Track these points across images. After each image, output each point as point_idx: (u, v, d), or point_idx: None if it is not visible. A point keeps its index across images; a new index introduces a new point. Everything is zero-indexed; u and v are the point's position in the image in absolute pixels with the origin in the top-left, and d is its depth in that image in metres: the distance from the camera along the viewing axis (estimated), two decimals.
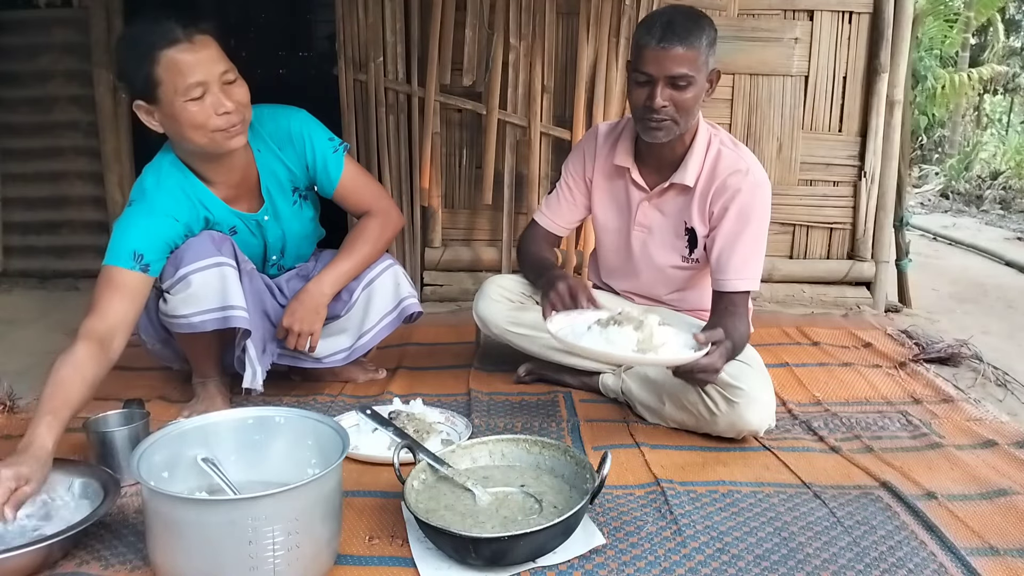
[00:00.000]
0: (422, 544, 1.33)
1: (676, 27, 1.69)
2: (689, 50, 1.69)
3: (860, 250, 3.13)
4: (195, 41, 1.60)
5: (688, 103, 1.74)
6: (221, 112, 1.62)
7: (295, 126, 1.86)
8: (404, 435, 1.57)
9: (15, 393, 1.99)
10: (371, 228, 1.95)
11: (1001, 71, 10.26)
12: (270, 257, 1.99)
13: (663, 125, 1.76)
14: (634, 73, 1.76)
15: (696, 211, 1.89)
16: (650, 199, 1.95)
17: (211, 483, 1.32)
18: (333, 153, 1.90)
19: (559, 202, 2.09)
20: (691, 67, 1.70)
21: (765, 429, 1.75)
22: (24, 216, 3.51)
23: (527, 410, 1.97)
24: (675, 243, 1.96)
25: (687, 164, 1.86)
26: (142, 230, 1.67)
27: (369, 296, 1.98)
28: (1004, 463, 1.67)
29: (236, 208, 1.84)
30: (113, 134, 3.35)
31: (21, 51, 3.37)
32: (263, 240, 1.93)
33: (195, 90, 1.59)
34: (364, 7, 2.93)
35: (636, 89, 1.77)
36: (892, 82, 3.01)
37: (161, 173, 1.75)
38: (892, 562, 1.30)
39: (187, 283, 1.69)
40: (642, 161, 1.95)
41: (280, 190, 1.90)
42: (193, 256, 1.70)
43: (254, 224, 1.89)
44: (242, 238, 1.88)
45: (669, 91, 1.72)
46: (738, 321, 1.78)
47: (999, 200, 7.52)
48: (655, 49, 1.69)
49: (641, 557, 1.31)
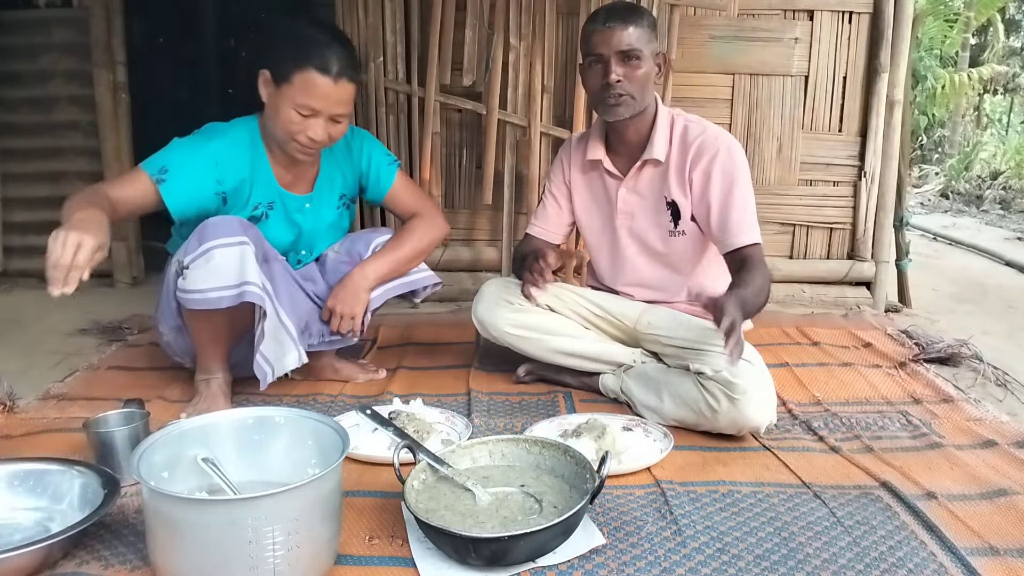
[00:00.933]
0: (422, 544, 1.33)
1: (618, 9, 1.88)
2: (633, 28, 1.84)
3: (860, 250, 3.13)
4: (339, 83, 1.77)
5: (641, 78, 1.87)
6: (311, 136, 1.79)
7: (357, 138, 2.07)
8: (404, 435, 1.57)
9: (15, 393, 1.99)
10: (418, 228, 2.08)
11: (1001, 71, 10.27)
12: (300, 250, 2.04)
13: (622, 100, 1.87)
14: (587, 58, 1.91)
15: (675, 183, 1.96)
16: (626, 184, 2.02)
17: (211, 483, 1.32)
18: (388, 164, 2.09)
19: (546, 211, 2.19)
20: (637, 42, 1.84)
21: (766, 426, 1.76)
22: (24, 216, 3.51)
23: (527, 410, 1.97)
24: (658, 219, 2.02)
25: (653, 141, 1.96)
26: (183, 156, 1.79)
27: None
28: (1004, 463, 1.67)
29: (285, 187, 1.93)
30: (113, 134, 3.36)
31: (21, 51, 3.37)
32: (298, 228, 1.99)
33: (307, 110, 1.77)
34: (364, 7, 2.93)
35: (591, 74, 1.91)
36: (892, 82, 3.01)
37: (236, 128, 1.88)
38: (892, 562, 1.29)
39: (209, 256, 1.71)
40: (613, 150, 2.05)
41: (330, 190, 2.03)
42: (218, 232, 1.73)
43: (294, 206, 1.96)
44: (275, 222, 1.93)
45: (622, 68, 1.85)
46: (756, 273, 1.80)
47: (999, 200, 7.53)
48: (602, 30, 1.85)
49: (641, 557, 1.31)
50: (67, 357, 2.43)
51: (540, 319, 2.05)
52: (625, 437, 1.72)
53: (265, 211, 1.92)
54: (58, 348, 2.54)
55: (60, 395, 2.08)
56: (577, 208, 2.15)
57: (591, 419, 1.74)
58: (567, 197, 2.16)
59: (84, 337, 2.66)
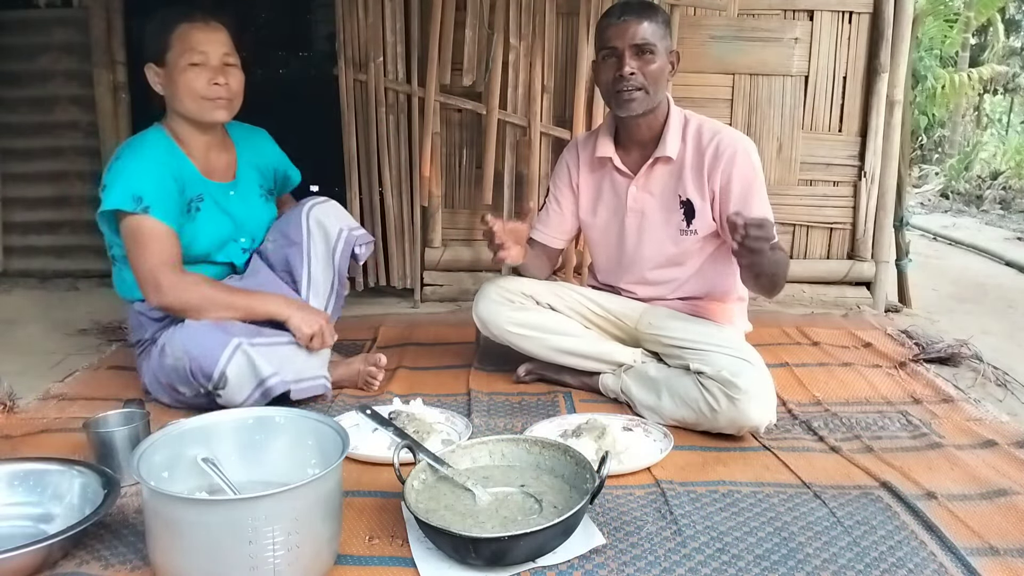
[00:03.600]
0: (422, 544, 1.33)
1: (633, 5, 1.90)
2: (648, 22, 1.85)
3: (860, 250, 3.13)
4: (209, 24, 1.88)
5: (654, 73, 1.87)
6: (213, 83, 1.86)
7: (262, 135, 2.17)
8: (404, 435, 1.57)
9: (15, 393, 1.99)
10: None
11: (1001, 71, 10.26)
12: (239, 239, 2.04)
13: (635, 95, 1.87)
14: (601, 52, 1.91)
15: (691, 183, 1.95)
16: (637, 183, 2.01)
17: (211, 483, 1.32)
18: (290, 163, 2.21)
19: (548, 215, 2.17)
20: (652, 36, 1.85)
21: (766, 426, 1.76)
22: (24, 216, 3.51)
23: (527, 410, 1.97)
24: (670, 218, 2.00)
25: (666, 138, 1.95)
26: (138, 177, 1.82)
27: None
28: (1004, 463, 1.67)
29: (208, 178, 1.98)
30: (113, 134, 3.36)
31: (21, 51, 3.38)
32: (230, 216, 2.00)
33: (196, 56, 1.84)
34: (364, 7, 2.93)
35: (604, 67, 1.91)
36: (892, 82, 3.01)
37: (146, 137, 1.94)
38: (892, 562, 1.29)
39: (225, 379, 1.77)
40: (623, 148, 2.04)
41: (251, 178, 2.08)
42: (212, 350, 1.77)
43: (221, 194, 1.99)
44: (208, 213, 1.95)
45: (636, 61, 1.85)
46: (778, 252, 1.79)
47: (999, 200, 7.53)
48: (617, 24, 1.86)
49: (641, 557, 1.31)
50: (67, 357, 2.43)
51: (541, 318, 2.05)
52: (625, 437, 1.72)
53: (196, 205, 1.94)
54: (58, 348, 2.54)
55: (60, 395, 2.08)
56: (583, 206, 2.13)
57: (591, 419, 1.74)
58: (571, 199, 2.14)
59: (84, 337, 2.66)
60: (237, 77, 1.91)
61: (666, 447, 1.69)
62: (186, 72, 1.84)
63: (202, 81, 1.85)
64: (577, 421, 1.78)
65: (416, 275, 3.12)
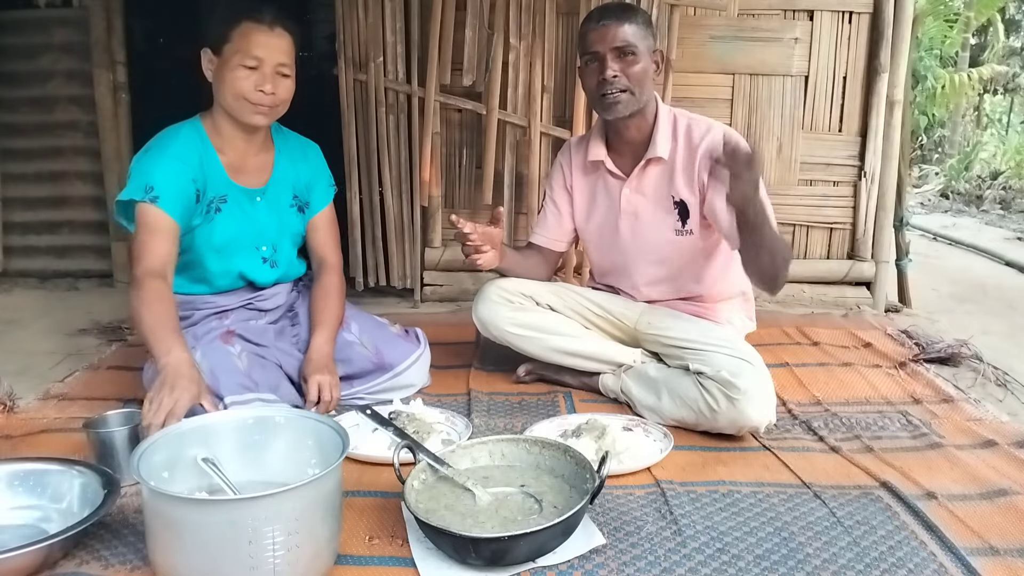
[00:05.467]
0: (422, 544, 1.33)
1: (611, 8, 1.91)
2: (628, 24, 1.85)
3: (860, 250, 3.13)
4: (274, 29, 1.82)
5: (638, 74, 1.86)
6: (259, 89, 1.81)
7: (312, 149, 2.11)
8: (404, 435, 1.57)
9: (15, 393, 1.99)
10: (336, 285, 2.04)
11: (1001, 71, 10.25)
12: (260, 247, 1.98)
13: (620, 97, 1.87)
14: (584, 57, 1.91)
15: (682, 182, 1.95)
16: (630, 185, 2.01)
17: (211, 483, 1.32)
18: (328, 186, 2.11)
19: (547, 219, 2.18)
20: (632, 38, 1.85)
21: (766, 426, 1.76)
22: (24, 216, 3.51)
23: (527, 410, 1.97)
24: (665, 219, 1.99)
25: (656, 139, 1.95)
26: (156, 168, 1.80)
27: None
28: (1004, 463, 1.67)
29: (236, 181, 1.93)
30: (113, 134, 3.36)
31: (21, 51, 3.38)
32: (253, 221, 1.95)
33: (251, 60, 1.80)
34: (364, 7, 2.93)
35: (588, 72, 1.91)
36: (892, 82, 3.01)
37: (179, 131, 1.89)
38: (892, 562, 1.30)
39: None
40: (614, 151, 2.03)
41: (285, 186, 2.01)
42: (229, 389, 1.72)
43: (247, 198, 1.94)
44: (228, 215, 1.91)
45: (618, 64, 1.85)
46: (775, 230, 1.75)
47: (999, 200, 7.52)
48: (596, 28, 1.87)
49: (641, 557, 1.31)
50: (67, 357, 2.43)
51: (541, 318, 2.05)
52: (625, 437, 1.72)
53: (218, 205, 1.90)
54: (58, 348, 2.54)
55: (60, 395, 2.08)
56: (578, 210, 2.14)
57: (591, 419, 1.74)
58: (568, 202, 2.14)
59: (84, 337, 2.66)
60: (287, 86, 1.86)
61: (666, 447, 1.69)
62: (236, 71, 1.80)
63: (249, 84, 1.80)
64: (577, 421, 1.78)
65: (416, 275, 3.12)
